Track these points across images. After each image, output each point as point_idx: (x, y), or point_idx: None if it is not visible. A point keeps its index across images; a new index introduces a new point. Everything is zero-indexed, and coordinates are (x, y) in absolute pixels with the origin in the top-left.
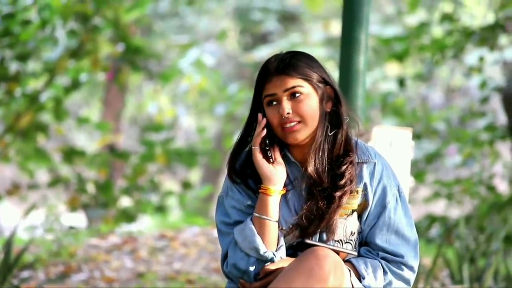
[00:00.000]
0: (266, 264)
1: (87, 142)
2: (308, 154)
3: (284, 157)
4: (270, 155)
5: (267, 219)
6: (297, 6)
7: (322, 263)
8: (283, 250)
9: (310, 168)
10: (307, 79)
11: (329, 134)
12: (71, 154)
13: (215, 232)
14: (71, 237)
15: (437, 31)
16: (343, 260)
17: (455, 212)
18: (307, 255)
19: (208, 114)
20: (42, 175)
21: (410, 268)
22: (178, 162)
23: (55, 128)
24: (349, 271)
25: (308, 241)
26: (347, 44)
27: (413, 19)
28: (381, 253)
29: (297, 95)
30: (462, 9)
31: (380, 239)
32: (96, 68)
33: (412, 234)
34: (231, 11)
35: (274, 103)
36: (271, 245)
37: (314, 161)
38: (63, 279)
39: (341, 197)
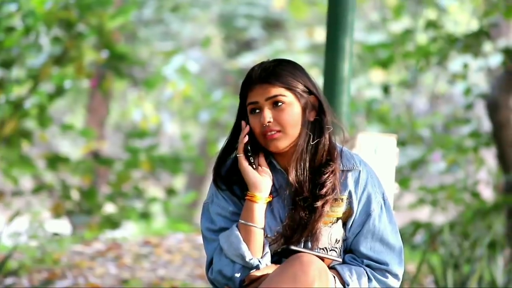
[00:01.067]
0: (252, 271)
1: (71, 148)
2: (290, 162)
3: (270, 165)
4: (252, 161)
5: (253, 226)
6: (282, 13)
7: (306, 269)
8: (268, 257)
9: (292, 177)
10: (290, 88)
11: (311, 143)
12: (55, 160)
13: (199, 239)
14: (55, 244)
15: (422, 38)
16: (327, 266)
17: (439, 219)
18: (292, 261)
19: (192, 121)
20: (26, 182)
21: (395, 275)
22: (162, 169)
23: (39, 134)
24: (334, 277)
25: (293, 247)
26: (332, 51)
27: (398, 26)
28: (365, 261)
29: (279, 104)
30: (446, 16)
31: (365, 247)
32: (80, 74)
33: (397, 241)
34: (215, 18)
35: (257, 111)
36: (257, 252)
37: (296, 170)
38: (47, 285)
39: (322, 206)
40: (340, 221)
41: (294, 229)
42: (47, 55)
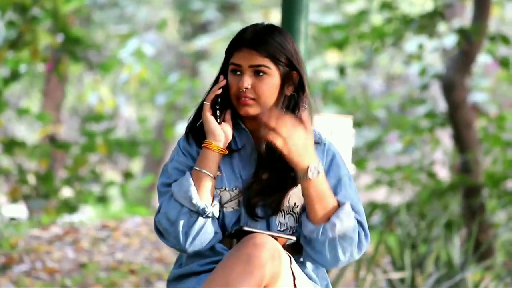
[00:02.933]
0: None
1: (28, 133)
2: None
3: (235, 125)
4: (218, 114)
5: (205, 172)
6: None
7: (260, 250)
8: (216, 209)
9: (263, 148)
10: (275, 61)
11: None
12: (11, 145)
13: None
14: (12, 228)
15: (377, 19)
16: (282, 245)
17: (396, 199)
18: (246, 242)
19: (148, 104)
20: None
21: (366, 235)
22: (119, 152)
23: None
24: (290, 258)
25: (246, 228)
26: None
27: (353, 7)
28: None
29: (261, 73)
30: None
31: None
32: (36, 58)
33: (363, 217)
34: (170, 0)
35: (238, 73)
36: (205, 199)
37: (267, 142)
38: (4, 270)
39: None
40: (299, 186)
41: (260, 191)
42: (2, 39)
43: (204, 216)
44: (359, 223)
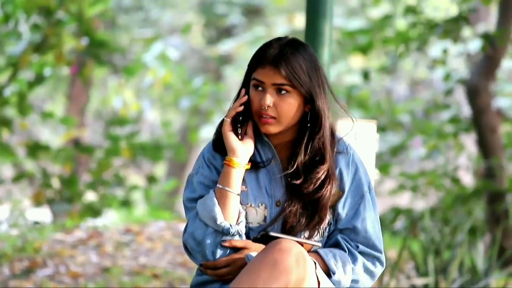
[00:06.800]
0: (232, 239)
1: (52, 136)
2: (286, 150)
3: (259, 138)
4: (239, 131)
5: (229, 190)
6: None
7: (286, 255)
8: (242, 226)
9: (289, 166)
10: (296, 80)
11: (306, 138)
12: (35, 148)
13: (180, 226)
14: (36, 232)
15: (401, 23)
16: (308, 251)
17: (420, 205)
18: (272, 247)
19: (173, 108)
20: (7, 170)
21: (382, 264)
22: (143, 156)
23: (19, 122)
24: (315, 263)
25: (272, 233)
26: (311, 37)
27: (377, 11)
28: (360, 246)
29: (283, 92)
30: (426, 1)
31: (361, 225)
32: (60, 62)
33: (379, 240)
34: (195, 4)
35: (260, 88)
36: (230, 217)
37: (288, 161)
38: (28, 274)
39: (324, 202)
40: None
41: (298, 220)
42: (27, 43)
43: (230, 235)
44: (377, 258)
